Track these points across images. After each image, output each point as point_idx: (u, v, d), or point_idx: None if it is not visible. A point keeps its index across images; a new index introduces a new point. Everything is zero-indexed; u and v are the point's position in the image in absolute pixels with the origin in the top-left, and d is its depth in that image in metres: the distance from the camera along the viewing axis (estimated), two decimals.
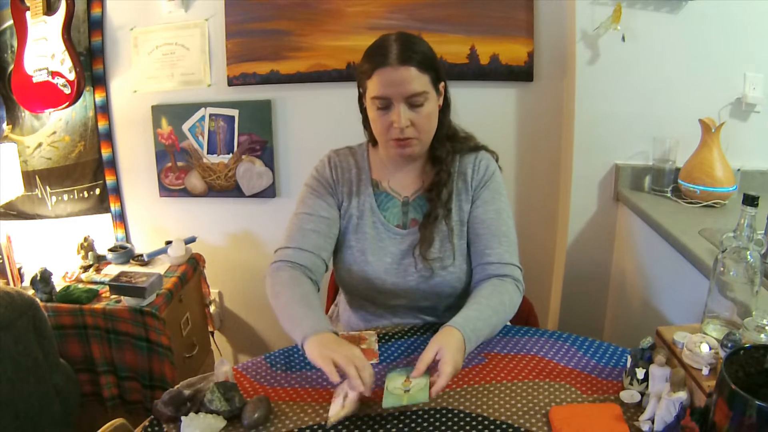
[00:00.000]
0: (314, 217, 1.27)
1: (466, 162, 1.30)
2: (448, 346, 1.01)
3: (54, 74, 1.99)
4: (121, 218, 2.31)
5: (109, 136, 2.21)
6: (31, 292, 1.83)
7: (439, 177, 1.26)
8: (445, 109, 1.27)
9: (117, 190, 2.28)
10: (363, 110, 1.27)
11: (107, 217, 2.30)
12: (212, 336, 2.27)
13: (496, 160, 1.34)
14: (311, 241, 1.25)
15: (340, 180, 1.31)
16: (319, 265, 1.26)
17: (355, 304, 1.39)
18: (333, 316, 1.53)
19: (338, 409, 0.97)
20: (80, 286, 1.90)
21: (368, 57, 1.18)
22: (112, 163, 2.24)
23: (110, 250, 2.11)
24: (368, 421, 0.98)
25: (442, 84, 1.24)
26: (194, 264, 2.11)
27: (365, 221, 1.29)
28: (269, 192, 2.20)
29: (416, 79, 1.14)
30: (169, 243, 2.10)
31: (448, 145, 1.28)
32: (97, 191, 2.27)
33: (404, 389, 0.99)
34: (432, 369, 1.02)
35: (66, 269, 2.04)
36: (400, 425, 0.97)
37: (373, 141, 1.31)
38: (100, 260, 2.10)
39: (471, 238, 1.27)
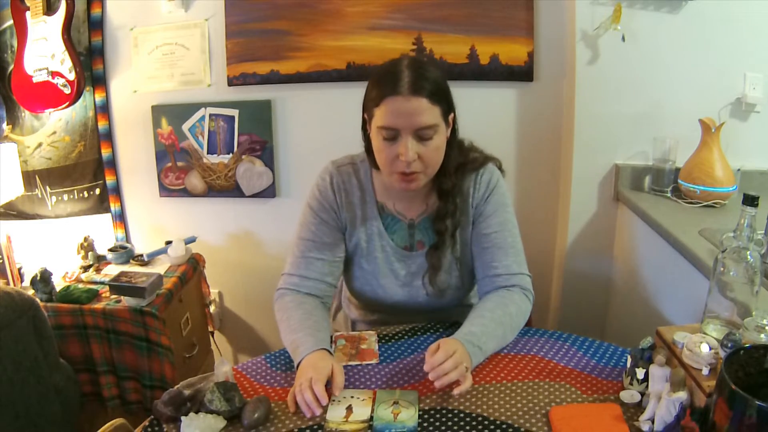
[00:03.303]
0: (317, 244, 1.26)
1: (467, 182, 1.26)
2: (449, 341, 1.06)
3: (54, 74, 1.99)
4: (121, 218, 2.30)
5: (109, 136, 2.21)
6: (31, 292, 1.83)
7: (446, 209, 1.24)
8: (452, 139, 1.21)
9: (117, 190, 2.27)
10: (366, 137, 1.22)
11: (107, 217, 2.30)
12: (212, 336, 2.27)
13: (500, 167, 1.31)
14: (316, 268, 1.26)
15: (344, 204, 1.28)
16: (325, 289, 1.27)
17: (365, 308, 1.42)
18: (332, 311, 1.56)
19: (340, 419, 0.98)
20: (80, 286, 1.90)
21: (377, 83, 1.12)
22: (112, 163, 2.24)
23: (110, 250, 2.11)
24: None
25: (452, 115, 1.19)
26: (194, 264, 2.11)
27: (374, 245, 1.29)
28: (269, 192, 2.20)
29: (427, 111, 1.09)
30: (169, 243, 2.09)
31: (455, 177, 1.24)
32: (97, 191, 2.27)
33: (394, 412, 1.00)
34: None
35: (66, 269, 2.04)
36: None
37: (375, 166, 1.23)
38: (100, 260, 2.10)
39: (476, 251, 1.27)
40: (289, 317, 1.19)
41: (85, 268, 2.04)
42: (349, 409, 1.01)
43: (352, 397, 1.04)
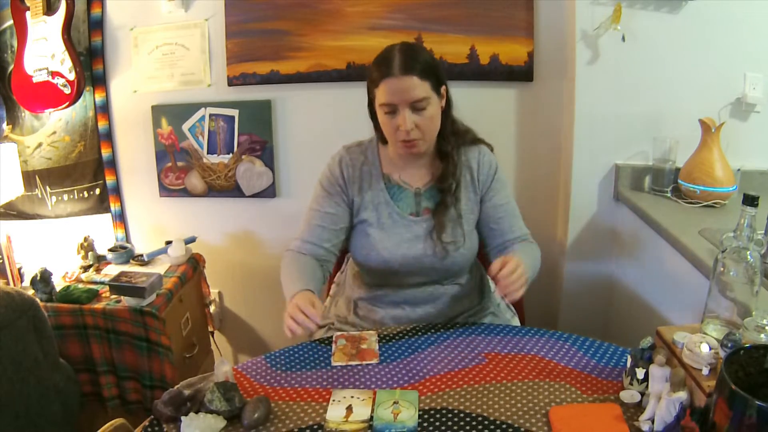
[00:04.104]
0: (321, 213, 1.41)
1: (470, 156, 1.42)
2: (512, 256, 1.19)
3: (54, 74, 1.99)
4: (121, 218, 2.30)
5: (109, 136, 2.21)
6: (31, 292, 1.83)
7: (447, 169, 1.38)
8: (447, 109, 1.37)
9: (117, 190, 2.27)
10: (372, 113, 1.37)
11: (107, 217, 2.30)
12: (212, 336, 2.27)
13: (491, 150, 1.47)
14: (316, 234, 1.40)
15: (350, 178, 1.41)
16: (322, 253, 1.40)
17: (370, 279, 1.48)
18: (327, 306, 1.61)
19: (340, 419, 0.98)
20: (80, 286, 1.90)
21: (375, 67, 1.30)
22: (112, 163, 2.24)
23: (110, 250, 2.11)
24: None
25: (444, 87, 1.34)
26: (194, 264, 2.11)
27: (381, 212, 1.40)
28: (269, 192, 2.20)
29: (418, 87, 1.25)
30: (169, 243, 2.09)
31: (453, 140, 1.39)
32: (97, 191, 2.27)
33: (394, 412, 1.00)
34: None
35: (66, 269, 2.04)
36: None
37: (382, 140, 1.40)
38: (100, 260, 2.10)
39: (491, 222, 1.41)
40: (287, 272, 1.33)
41: (85, 268, 2.04)
42: (349, 409, 1.01)
43: (352, 397, 1.04)
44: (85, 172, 2.25)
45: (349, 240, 1.46)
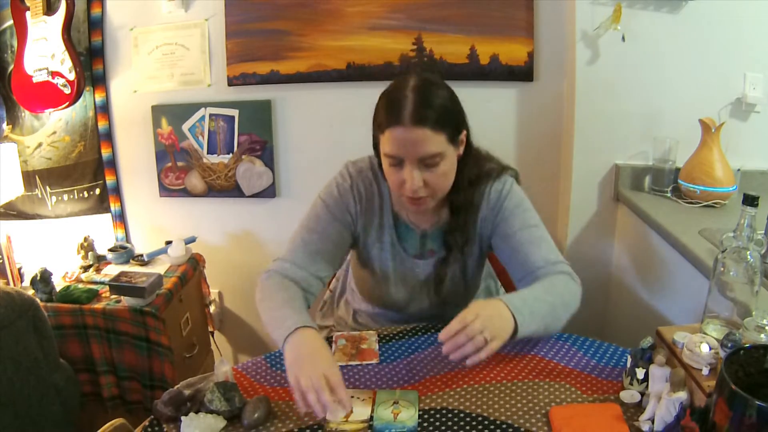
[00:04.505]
0: (323, 238, 1.24)
1: (478, 195, 1.25)
2: (478, 303, 1.06)
3: (54, 74, 1.99)
4: (121, 218, 2.30)
5: (109, 136, 2.21)
6: (31, 292, 1.83)
7: (456, 223, 1.24)
8: (466, 157, 1.20)
9: (117, 190, 2.27)
10: (378, 153, 1.20)
11: (107, 217, 2.30)
12: (212, 336, 2.27)
13: (515, 176, 1.30)
14: (313, 261, 1.23)
15: (363, 210, 1.27)
16: (314, 284, 1.24)
17: (370, 302, 1.45)
18: (327, 302, 1.60)
19: (340, 419, 0.98)
20: (80, 286, 1.90)
21: (382, 108, 1.12)
22: (112, 163, 2.24)
23: (110, 250, 2.11)
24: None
25: (464, 133, 1.17)
26: (194, 264, 2.10)
27: (387, 252, 1.30)
28: (269, 192, 2.20)
29: (431, 140, 1.07)
30: (169, 243, 2.09)
31: (468, 192, 1.22)
32: (97, 191, 2.27)
33: (394, 412, 1.00)
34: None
35: (66, 269, 2.04)
36: None
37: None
38: (100, 260, 2.10)
39: (507, 256, 1.25)
40: (272, 297, 1.16)
41: (85, 268, 2.04)
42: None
43: (352, 397, 1.04)
44: (85, 172, 2.25)
45: (351, 263, 1.41)
